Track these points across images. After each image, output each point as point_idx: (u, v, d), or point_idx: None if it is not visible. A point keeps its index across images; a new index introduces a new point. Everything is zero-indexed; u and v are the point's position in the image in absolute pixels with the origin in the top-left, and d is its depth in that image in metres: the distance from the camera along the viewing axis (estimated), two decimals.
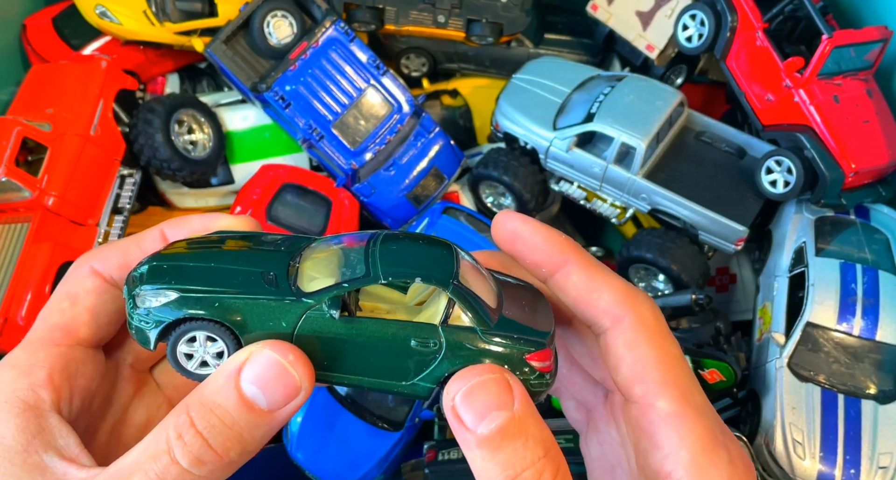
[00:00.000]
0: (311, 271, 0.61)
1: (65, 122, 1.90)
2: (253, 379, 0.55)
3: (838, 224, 1.87)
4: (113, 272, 0.67)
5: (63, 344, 0.65)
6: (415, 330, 0.60)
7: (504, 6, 2.16)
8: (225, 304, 0.57)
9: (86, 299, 0.66)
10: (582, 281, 0.64)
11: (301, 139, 2.12)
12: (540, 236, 0.66)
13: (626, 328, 0.62)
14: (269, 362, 0.56)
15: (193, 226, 0.69)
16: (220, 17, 2.14)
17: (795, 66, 1.79)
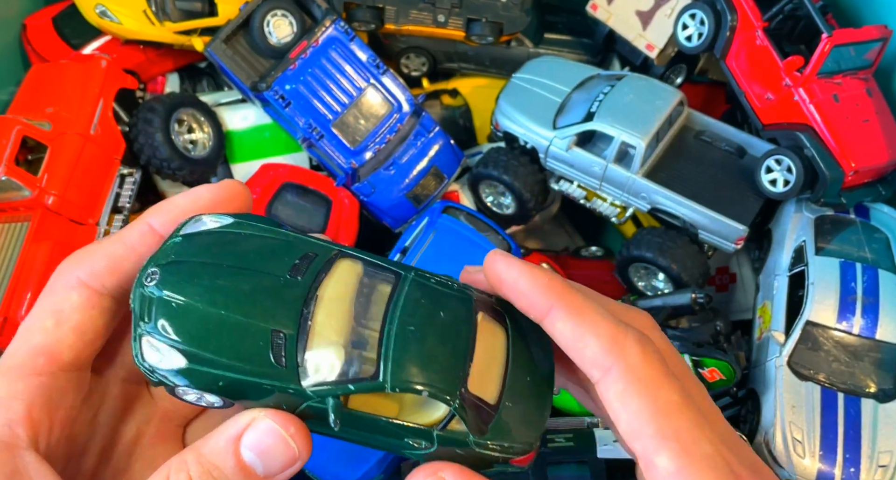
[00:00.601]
0: (323, 329, 0.57)
1: (65, 122, 1.91)
2: (253, 445, 0.55)
3: (838, 223, 1.87)
4: (103, 280, 0.61)
5: (45, 372, 0.58)
6: (411, 433, 0.59)
7: (504, 6, 2.16)
8: (229, 384, 0.56)
9: (72, 317, 0.59)
10: (567, 329, 0.59)
11: (301, 138, 2.12)
12: (524, 280, 0.61)
13: (616, 379, 0.57)
14: (270, 431, 0.55)
15: (182, 208, 0.63)
16: (220, 16, 2.15)
17: (795, 65, 1.79)
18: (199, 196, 0.63)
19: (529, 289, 0.61)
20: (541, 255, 2.30)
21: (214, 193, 0.64)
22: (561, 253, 2.45)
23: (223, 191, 0.64)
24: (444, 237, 2.02)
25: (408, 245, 2.05)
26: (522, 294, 0.61)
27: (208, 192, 0.64)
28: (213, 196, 0.63)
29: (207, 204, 0.63)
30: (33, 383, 0.57)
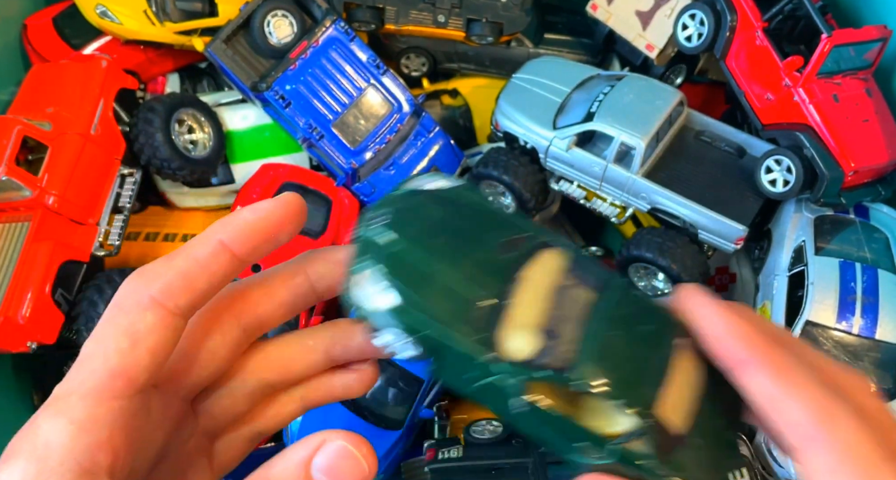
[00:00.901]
0: (522, 311, 0.56)
1: (65, 122, 1.91)
2: (325, 468, 0.53)
3: (838, 223, 1.87)
4: (177, 299, 0.59)
5: (124, 395, 0.56)
6: (587, 438, 0.55)
7: (504, 6, 2.16)
8: (430, 337, 0.55)
9: (148, 339, 0.57)
10: (766, 389, 0.55)
11: (301, 138, 2.12)
12: (720, 325, 0.58)
13: (824, 453, 0.52)
14: (342, 452, 0.54)
15: (249, 223, 0.62)
16: (221, 16, 2.15)
17: (795, 65, 1.79)
18: (266, 210, 0.63)
19: (725, 336, 0.57)
20: None
21: (279, 208, 0.63)
22: None
23: (288, 205, 0.64)
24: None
25: None
26: (716, 339, 0.58)
27: (275, 208, 0.63)
28: (279, 211, 0.63)
29: (274, 219, 0.63)
30: (115, 407, 0.55)
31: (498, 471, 1.50)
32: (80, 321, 1.81)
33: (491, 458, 1.53)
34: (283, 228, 0.63)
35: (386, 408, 1.92)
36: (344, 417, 1.90)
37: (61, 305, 1.80)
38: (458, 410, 1.98)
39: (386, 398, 1.92)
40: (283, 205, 0.63)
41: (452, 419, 1.95)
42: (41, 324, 1.74)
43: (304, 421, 1.91)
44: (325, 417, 1.91)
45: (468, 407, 1.98)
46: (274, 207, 0.63)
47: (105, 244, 1.95)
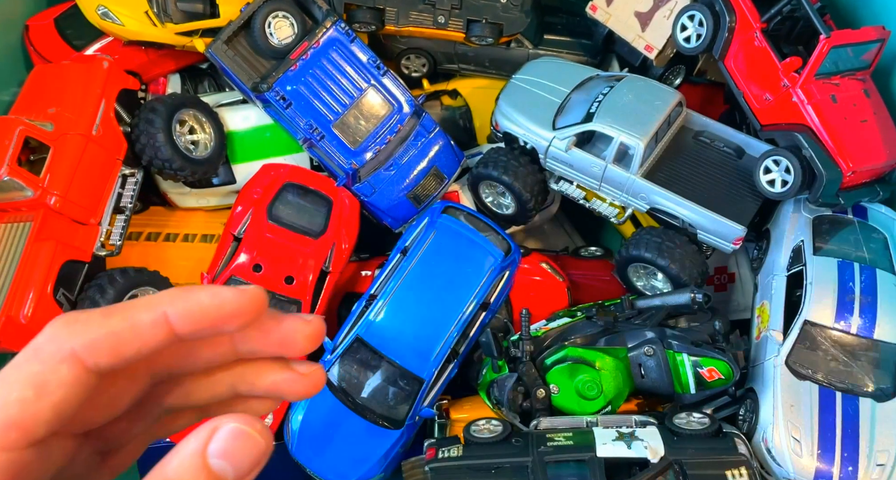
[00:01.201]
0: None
1: (67, 122, 1.91)
2: (220, 453, 0.53)
3: (836, 223, 1.88)
4: (98, 358, 0.56)
5: (15, 447, 0.53)
6: None
7: (504, 7, 2.17)
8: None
9: (56, 392, 0.54)
10: None
11: (302, 139, 2.13)
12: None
13: None
14: (235, 433, 0.53)
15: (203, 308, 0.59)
16: (222, 17, 2.16)
17: (793, 66, 1.80)
18: (224, 301, 0.59)
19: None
20: (541, 255, 2.31)
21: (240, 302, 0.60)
22: (560, 253, 2.46)
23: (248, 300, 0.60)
24: (444, 237, 2.03)
25: (408, 245, 2.06)
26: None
27: (234, 300, 0.59)
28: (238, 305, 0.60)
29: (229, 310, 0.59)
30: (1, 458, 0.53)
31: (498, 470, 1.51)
32: None
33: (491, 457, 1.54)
34: (234, 321, 0.60)
35: (387, 408, 1.93)
36: (345, 416, 1.91)
37: (63, 305, 1.81)
38: (457, 409, 1.99)
39: (386, 397, 1.93)
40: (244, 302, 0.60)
41: (452, 418, 1.96)
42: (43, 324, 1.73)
43: (305, 420, 1.91)
44: (326, 416, 1.92)
45: (468, 407, 1.99)
46: (233, 299, 0.59)
47: (107, 244, 1.96)
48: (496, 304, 2.04)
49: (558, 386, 1.76)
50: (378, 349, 1.92)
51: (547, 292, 2.20)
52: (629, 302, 1.92)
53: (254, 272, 1.97)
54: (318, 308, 2.02)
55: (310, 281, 2.00)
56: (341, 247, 2.07)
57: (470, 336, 1.98)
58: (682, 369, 1.72)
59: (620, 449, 1.48)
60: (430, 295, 1.95)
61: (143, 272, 1.93)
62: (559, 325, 1.93)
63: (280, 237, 2.02)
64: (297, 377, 0.64)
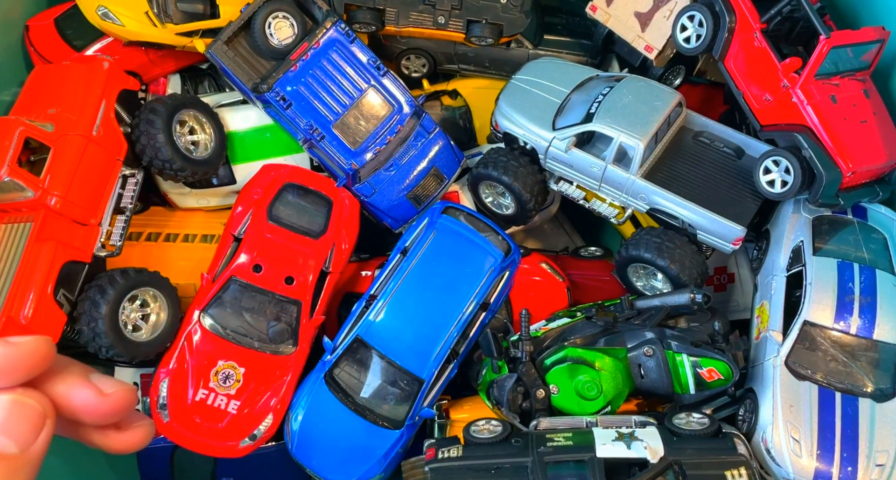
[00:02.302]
0: None
1: (67, 123, 1.91)
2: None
3: (836, 223, 1.88)
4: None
5: None
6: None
7: (504, 7, 2.17)
8: None
9: None
10: None
11: (302, 139, 2.13)
12: None
13: None
14: (5, 406, 0.52)
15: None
16: (222, 18, 2.16)
17: (793, 66, 1.80)
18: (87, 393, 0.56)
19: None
20: (540, 255, 2.31)
21: (9, 354, 0.55)
22: (560, 253, 2.46)
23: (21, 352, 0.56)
24: (444, 237, 2.04)
25: (408, 245, 2.07)
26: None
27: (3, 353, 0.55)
28: (7, 357, 0.55)
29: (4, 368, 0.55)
30: None
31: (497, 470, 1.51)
32: (82, 321, 1.82)
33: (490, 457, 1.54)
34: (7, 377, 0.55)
35: (387, 408, 1.93)
36: (345, 416, 1.91)
37: (63, 305, 1.81)
38: (457, 410, 1.99)
39: (386, 398, 1.93)
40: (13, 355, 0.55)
41: (452, 418, 1.96)
42: (43, 324, 1.75)
43: (305, 420, 1.92)
44: (326, 416, 1.92)
45: (468, 407, 1.99)
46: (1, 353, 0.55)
47: (107, 244, 1.96)
48: (496, 304, 2.04)
49: (558, 387, 1.76)
50: (378, 349, 1.92)
51: (547, 292, 2.20)
52: (629, 303, 1.92)
53: (254, 272, 1.97)
54: (319, 308, 2.02)
55: (310, 282, 2.00)
56: (341, 248, 2.08)
57: (470, 336, 1.98)
58: (681, 369, 1.73)
59: (620, 450, 1.48)
60: (430, 296, 1.95)
61: (143, 272, 1.93)
62: (559, 325, 1.93)
63: (280, 237, 2.02)
64: (96, 395, 0.59)
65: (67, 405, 0.57)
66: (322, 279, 2.03)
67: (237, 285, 1.96)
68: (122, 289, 1.87)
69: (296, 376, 1.95)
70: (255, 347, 1.94)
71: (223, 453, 1.92)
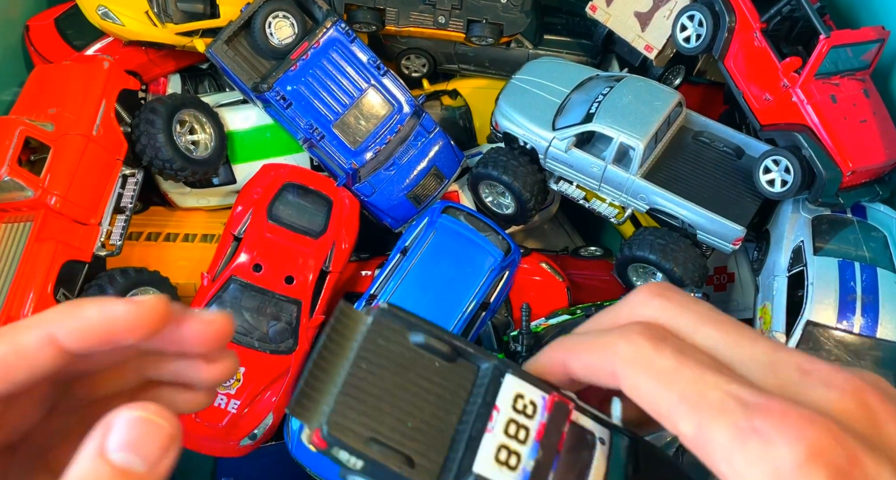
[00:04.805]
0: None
1: (67, 122, 1.91)
2: (120, 446, 0.50)
3: (836, 223, 1.87)
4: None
5: None
6: None
7: (504, 7, 2.17)
8: None
9: None
10: (578, 365, 0.59)
11: (302, 139, 2.13)
12: (536, 363, 0.62)
13: (623, 377, 0.55)
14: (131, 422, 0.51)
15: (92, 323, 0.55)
16: (222, 17, 2.16)
17: (793, 66, 1.80)
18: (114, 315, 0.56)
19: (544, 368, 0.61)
20: (540, 255, 2.31)
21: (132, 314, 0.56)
22: (560, 253, 2.46)
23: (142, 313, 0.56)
24: (444, 237, 2.04)
25: (408, 245, 2.06)
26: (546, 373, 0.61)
27: (125, 313, 0.56)
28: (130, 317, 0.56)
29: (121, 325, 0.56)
30: None
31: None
32: None
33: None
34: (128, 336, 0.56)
35: None
36: None
37: None
38: None
39: None
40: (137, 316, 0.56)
41: None
42: None
43: None
44: None
45: None
46: (125, 314, 0.56)
47: (107, 244, 1.96)
48: (496, 304, 2.04)
49: None
50: None
51: (547, 292, 2.20)
52: None
53: (254, 272, 1.97)
54: (318, 307, 2.02)
55: (310, 281, 2.00)
56: (341, 247, 2.08)
57: (469, 335, 1.98)
58: None
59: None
60: (430, 295, 1.95)
61: (143, 272, 1.93)
62: (559, 322, 1.93)
63: (280, 237, 2.02)
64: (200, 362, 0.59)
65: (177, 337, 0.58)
66: (322, 278, 2.03)
67: (237, 284, 1.96)
68: (122, 289, 1.87)
69: (296, 375, 1.96)
70: (255, 347, 1.94)
71: (223, 452, 1.92)
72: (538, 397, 0.60)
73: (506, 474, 0.55)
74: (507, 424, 0.58)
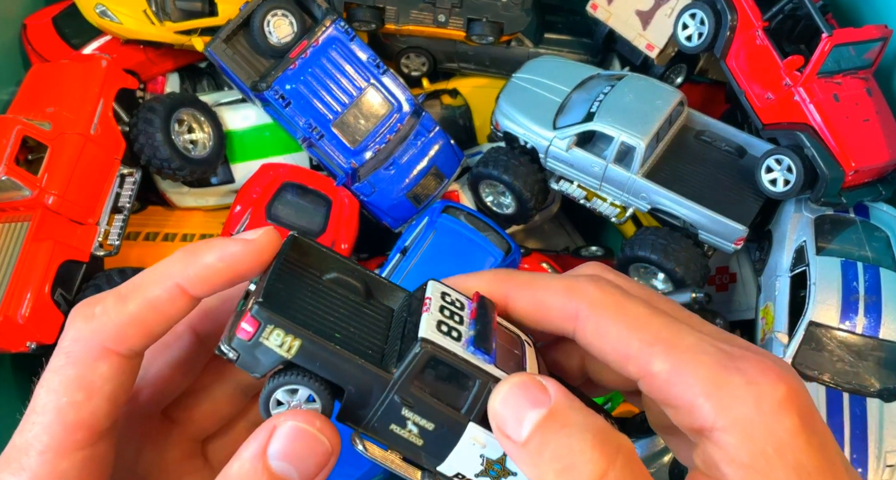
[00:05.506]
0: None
1: (65, 121, 1.90)
2: (281, 454, 0.52)
3: (838, 222, 1.87)
4: (132, 345, 0.56)
5: (87, 445, 0.54)
6: None
7: (504, 5, 2.16)
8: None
9: (104, 387, 0.55)
10: (526, 301, 0.61)
11: (301, 138, 2.12)
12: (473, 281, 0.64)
13: (586, 319, 0.57)
14: (295, 433, 0.53)
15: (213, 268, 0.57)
16: (221, 16, 2.15)
17: (795, 64, 1.79)
18: (232, 255, 0.58)
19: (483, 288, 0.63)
20: (541, 255, 2.30)
21: (249, 251, 0.58)
22: (561, 253, 2.45)
23: (259, 246, 0.58)
24: (444, 237, 2.02)
25: (408, 245, 2.05)
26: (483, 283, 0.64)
27: (242, 250, 0.58)
28: (248, 254, 0.58)
29: (242, 263, 0.58)
30: (78, 459, 0.54)
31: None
32: None
33: None
34: (250, 272, 0.59)
35: None
36: None
37: (61, 305, 1.80)
38: None
39: None
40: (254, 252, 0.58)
41: None
42: (40, 324, 1.74)
43: None
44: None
45: None
46: (241, 251, 0.58)
47: (105, 244, 1.95)
48: None
49: None
50: None
51: None
52: None
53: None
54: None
55: None
56: (340, 247, 2.07)
57: None
58: None
59: None
60: None
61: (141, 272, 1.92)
62: None
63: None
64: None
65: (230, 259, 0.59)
66: None
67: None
68: None
69: None
70: None
71: None
72: (463, 297, 0.63)
73: (451, 342, 0.57)
74: (440, 308, 0.60)
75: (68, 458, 0.54)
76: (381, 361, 0.58)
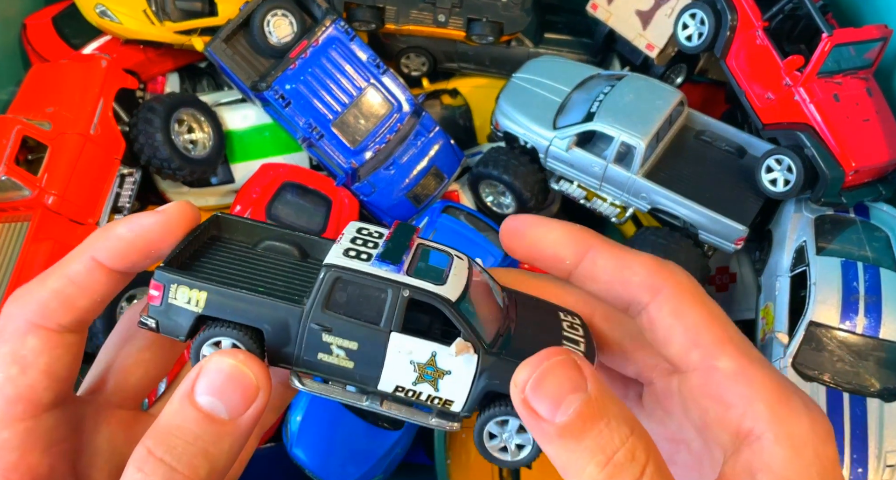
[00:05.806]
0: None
1: (65, 121, 1.90)
2: (207, 389, 0.53)
3: (838, 222, 1.86)
4: (58, 319, 0.58)
5: (28, 416, 0.57)
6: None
7: (504, 5, 2.16)
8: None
9: (38, 361, 0.57)
10: (610, 263, 0.62)
11: (301, 138, 2.11)
12: (558, 230, 0.65)
13: (668, 297, 0.59)
14: (219, 367, 0.53)
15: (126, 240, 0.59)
16: (220, 16, 2.14)
17: (795, 64, 1.79)
18: (143, 226, 0.60)
19: (565, 236, 0.64)
20: None
21: (159, 221, 0.60)
22: None
23: (169, 217, 0.61)
24: (444, 237, 2.02)
25: None
26: (556, 241, 0.64)
27: (152, 222, 0.60)
28: (159, 224, 0.60)
29: (154, 234, 0.60)
30: (20, 429, 0.56)
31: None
32: None
33: None
34: (164, 243, 0.61)
35: None
36: (344, 416, 1.90)
37: None
38: None
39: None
40: (162, 217, 0.60)
41: None
42: None
43: (304, 420, 1.90)
44: (325, 416, 1.90)
45: None
46: (151, 223, 0.60)
47: None
48: None
49: None
50: None
51: None
52: None
53: None
54: None
55: None
56: None
57: None
58: None
59: None
60: None
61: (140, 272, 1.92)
62: None
63: None
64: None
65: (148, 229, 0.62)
66: None
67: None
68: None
69: None
70: None
71: None
72: (383, 230, 0.65)
73: (358, 263, 0.59)
74: (352, 239, 0.62)
75: (8, 429, 0.56)
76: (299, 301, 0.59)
